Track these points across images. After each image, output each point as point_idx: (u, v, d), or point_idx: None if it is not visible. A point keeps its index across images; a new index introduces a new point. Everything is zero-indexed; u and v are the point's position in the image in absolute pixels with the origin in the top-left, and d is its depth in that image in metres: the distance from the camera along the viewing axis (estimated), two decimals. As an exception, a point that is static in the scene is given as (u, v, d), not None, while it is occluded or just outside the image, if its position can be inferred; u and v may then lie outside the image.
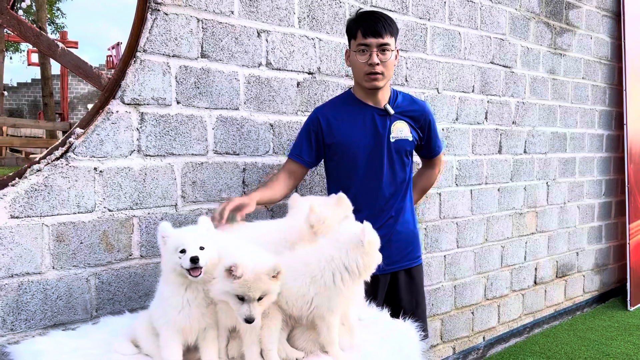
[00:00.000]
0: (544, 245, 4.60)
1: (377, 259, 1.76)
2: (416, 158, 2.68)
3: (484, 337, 4.07)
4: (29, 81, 25.27)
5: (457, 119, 3.70)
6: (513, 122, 4.16)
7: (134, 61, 2.23)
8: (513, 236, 4.27)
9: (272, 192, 2.32)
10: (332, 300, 1.72)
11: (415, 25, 3.37)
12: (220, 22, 2.47)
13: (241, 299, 1.53)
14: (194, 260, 1.56)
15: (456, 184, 3.74)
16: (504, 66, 4.03)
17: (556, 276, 4.77)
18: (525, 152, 4.30)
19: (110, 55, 15.15)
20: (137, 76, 2.23)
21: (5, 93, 18.15)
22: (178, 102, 2.36)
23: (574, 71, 4.74)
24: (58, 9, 23.40)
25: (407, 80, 3.35)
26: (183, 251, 1.57)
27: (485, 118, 3.93)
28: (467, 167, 3.81)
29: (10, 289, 1.99)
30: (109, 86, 2.22)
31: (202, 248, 1.59)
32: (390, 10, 3.21)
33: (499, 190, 4.09)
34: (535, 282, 4.53)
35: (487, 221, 4.02)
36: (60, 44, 2.13)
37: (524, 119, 4.26)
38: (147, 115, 2.27)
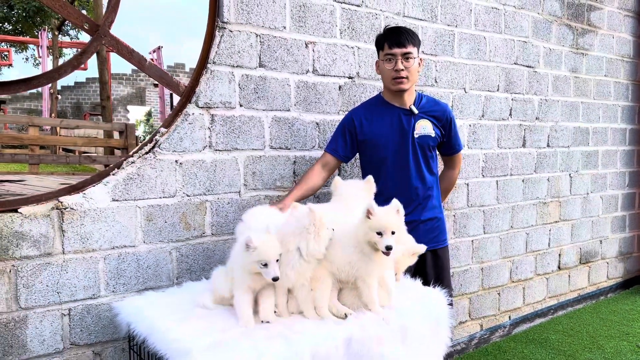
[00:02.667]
0: (567, 233, 4.89)
1: (387, 241, 2.10)
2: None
3: (509, 316, 4.41)
4: (72, 84, 26.41)
5: (483, 116, 4.05)
6: (536, 118, 4.48)
7: (205, 71, 2.69)
8: (537, 224, 4.58)
9: (308, 186, 2.69)
10: (369, 265, 2.12)
11: (444, 31, 3.75)
12: (275, 36, 2.91)
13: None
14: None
15: (482, 175, 4.09)
16: (527, 66, 4.36)
17: (580, 262, 5.06)
18: (548, 145, 4.61)
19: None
20: (208, 84, 2.69)
21: (59, 97, 19.09)
22: (241, 105, 2.81)
23: (596, 69, 5.01)
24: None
25: (436, 82, 3.73)
26: (265, 264, 1.98)
27: (510, 114, 4.26)
28: (492, 160, 4.15)
29: (113, 259, 2.47)
30: (185, 92, 2.67)
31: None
32: (421, 19, 3.59)
33: (523, 181, 4.42)
34: (559, 267, 4.84)
35: (512, 209, 4.36)
36: (148, 59, 2.59)
37: (547, 115, 4.57)
38: (216, 117, 2.72)
